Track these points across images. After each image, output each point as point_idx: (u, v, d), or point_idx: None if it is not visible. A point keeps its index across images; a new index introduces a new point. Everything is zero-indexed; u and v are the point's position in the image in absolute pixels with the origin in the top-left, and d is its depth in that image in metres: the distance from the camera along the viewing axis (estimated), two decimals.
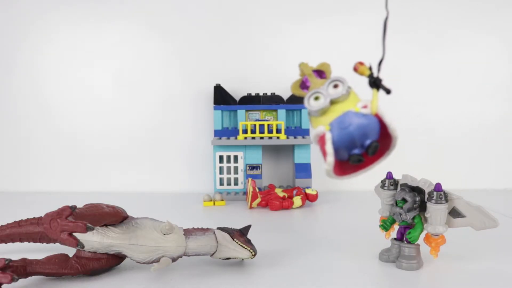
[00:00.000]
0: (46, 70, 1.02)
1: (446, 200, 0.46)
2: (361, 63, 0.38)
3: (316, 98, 0.37)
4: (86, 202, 0.48)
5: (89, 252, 0.45)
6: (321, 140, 0.35)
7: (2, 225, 0.52)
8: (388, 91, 0.36)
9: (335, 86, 0.37)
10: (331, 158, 0.34)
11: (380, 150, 0.36)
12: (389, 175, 0.51)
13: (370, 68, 0.37)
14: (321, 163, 0.37)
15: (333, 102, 0.36)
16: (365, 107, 0.36)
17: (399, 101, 1.01)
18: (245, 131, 0.91)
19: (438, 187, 0.46)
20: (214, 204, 0.84)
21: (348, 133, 0.34)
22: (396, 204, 0.49)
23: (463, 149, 1.02)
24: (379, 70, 0.37)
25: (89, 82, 1.02)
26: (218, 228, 0.49)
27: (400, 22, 1.00)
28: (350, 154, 0.35)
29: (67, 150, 1.03)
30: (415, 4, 1.00)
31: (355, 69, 0.38)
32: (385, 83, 0.37)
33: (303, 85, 0.39)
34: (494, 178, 1.01)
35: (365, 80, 0.37)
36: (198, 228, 0.49)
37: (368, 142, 0.35)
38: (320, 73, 0.39)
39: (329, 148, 0.34)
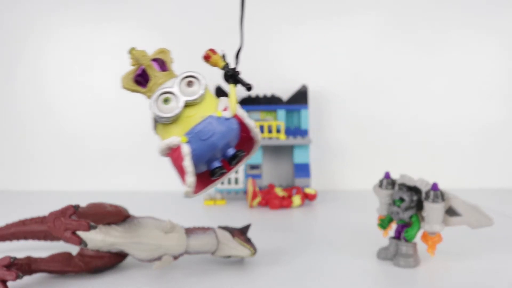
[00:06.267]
0: (47, 71, 1.03)
1: (443, 199, 0.46)
2: (213, 51, 0.31)
3: (166, 101, 0.29)
4: (88, 201, 0.48)
5: (92, 250, 0.46)
6: (175, 154, 0.28)
7: (7, 224, 0.53)
8: (248, 87, 0.30)
9: (189, 83, 0.29)
10: (191, 178, 0.28)
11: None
12: (387, 175, 0.52)
13: (224, 58, 0.30)
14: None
15: (187, 104, 0.29)
16: (225, 109, 0.29)
17: (397, 101, 1.03)
18: None
19: (434, 187, 0.46)
20: (214, 203, 0.85)
21: (211, 145, 0.28)
22: (394, 203, 0.49)
23: (460, 150, 1.02)
24: (237, 61, 0.31)
25: (89, 83, 1.03)
26: (218, 227, 0.49)
27: (399, 22, 1.01)
28: (212, 169, 0.29)
29: (68, 150, 1.04)
30: (414, 4, 1.00)
31: (206, 59, 0.31)
32: (243, 81, 0.29)
33: (139, 78, 0.31)
34: (490, 177, 1.02)
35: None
36: (199, 227, 0.49)
37: (231, 151, 0.29)
38: (160, 63, 0.31)
39: (189, 165, 0.28)
